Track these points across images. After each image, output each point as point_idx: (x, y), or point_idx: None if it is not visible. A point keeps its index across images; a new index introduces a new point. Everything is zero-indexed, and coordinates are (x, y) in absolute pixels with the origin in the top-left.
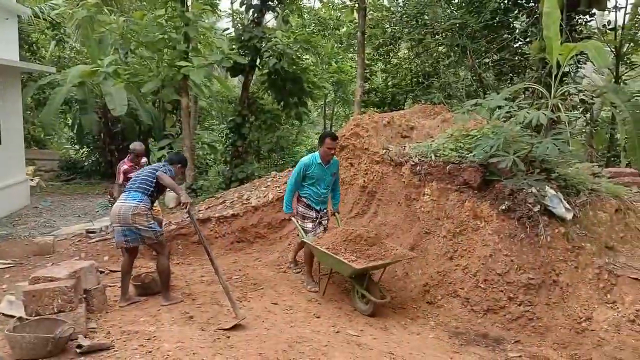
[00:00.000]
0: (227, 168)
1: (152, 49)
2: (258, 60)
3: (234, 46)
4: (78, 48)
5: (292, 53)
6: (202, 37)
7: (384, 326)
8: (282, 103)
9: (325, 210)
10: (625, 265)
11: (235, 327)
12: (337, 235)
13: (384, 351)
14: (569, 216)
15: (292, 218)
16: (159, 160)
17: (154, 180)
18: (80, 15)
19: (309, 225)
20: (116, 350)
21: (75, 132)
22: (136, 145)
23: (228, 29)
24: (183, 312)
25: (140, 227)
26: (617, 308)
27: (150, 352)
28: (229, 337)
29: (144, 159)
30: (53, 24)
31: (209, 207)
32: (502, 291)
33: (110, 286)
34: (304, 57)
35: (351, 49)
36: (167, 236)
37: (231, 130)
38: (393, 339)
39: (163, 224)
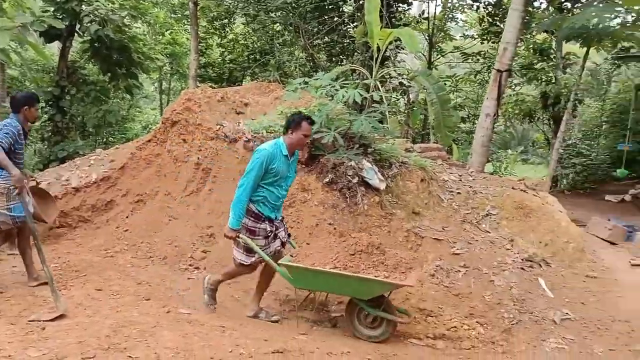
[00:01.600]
0: (45, 146)
1: None
2: (78, 26)
3: (48, 8)
4: None
5: (118, 20)
6: None
7: (219, 302)
8: (108, 74)
9: (281, 219)
10: (428, 227)
11: (55, 319)
12: (335, 249)
13: (215, 325)
14: (382, 186)
15: (241, 236)
16: None
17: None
18: None
19: (261, 242)
20: None
21: None
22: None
23: None
24: None
25: None
26: (422, 265)
27: None
28: (44, 328)
29: None
30: None
31: None
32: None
33: None
34: (133, 25)
35: (185, 20)
36: None
37: (48, 103)
38: (226, 312)
39: None
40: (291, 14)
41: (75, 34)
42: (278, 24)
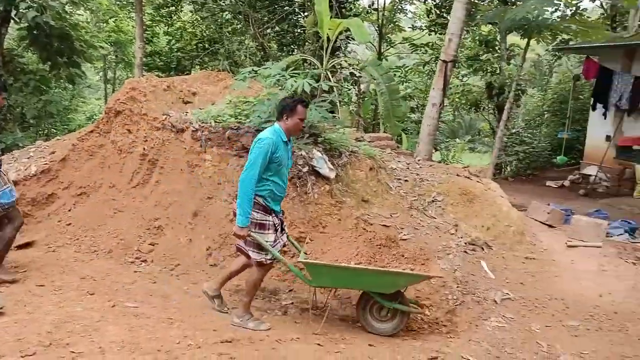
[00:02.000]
0: None
1: None
2: (14, 12)
3: None
4: None
5: (58, 6)
6: None
7: (165, 294)
8: (49, 63)
9: (282, 213)
10: (377, 215)
11: None
12: (354, 244)
13: (162, 317)
14: (332, 175)
15: (252, 234)
16: None
17: None
18: None
19: (271, 237)
20: None
21: None
22: None
23: None
24: None
25: None
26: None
27: None
28: None
29: None
30: None
31: None
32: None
33: None
34: (76, 12)
35: (130, 8)
36: None
37: None
38: (174, 304)
39: None
40: (240, 2)
41: (11, 21)
42: (227, 12)
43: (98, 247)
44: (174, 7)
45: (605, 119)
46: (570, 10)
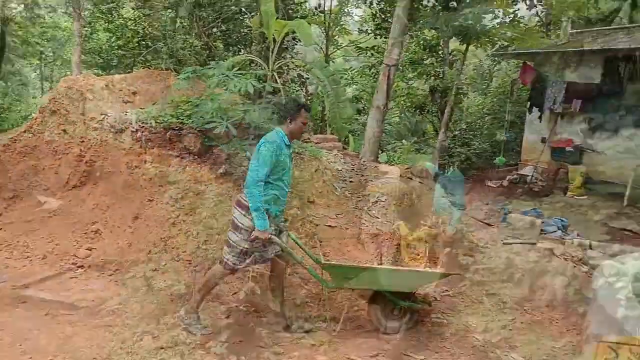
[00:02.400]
0: None
1: None
2: None
3: None
4: None
5: None
6: None
7: (103, 301)
8: None
9: (283, 218)
10: (323, 215)
11: None
12: (371, 246)
13: (100, 325)
14: None
15: (274, 239)
16: None
17: None
18: None
19: (260, 242)
20: None
21: None
22: None
23: None
24: None
25: None
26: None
27: None
28: None
29: None
30: None
31: None
32: (220, 249)
33: None
34: (8, 6)
35: (67, 2)
36: None
37: None
38: (112, 311)
39: None
40: (185, 0)
41: None
42: (170, 10)
43: (32, 252)
44: (114, 4)
45: (540, 121)
46: (509, 17)
